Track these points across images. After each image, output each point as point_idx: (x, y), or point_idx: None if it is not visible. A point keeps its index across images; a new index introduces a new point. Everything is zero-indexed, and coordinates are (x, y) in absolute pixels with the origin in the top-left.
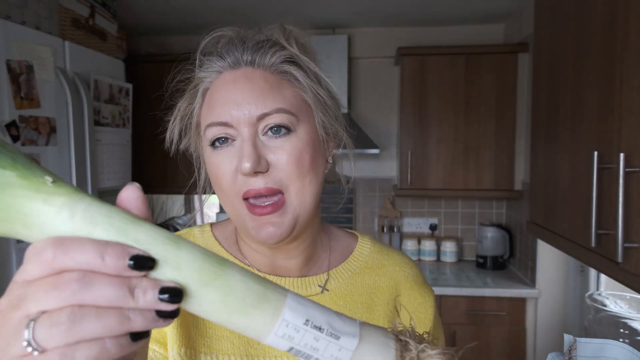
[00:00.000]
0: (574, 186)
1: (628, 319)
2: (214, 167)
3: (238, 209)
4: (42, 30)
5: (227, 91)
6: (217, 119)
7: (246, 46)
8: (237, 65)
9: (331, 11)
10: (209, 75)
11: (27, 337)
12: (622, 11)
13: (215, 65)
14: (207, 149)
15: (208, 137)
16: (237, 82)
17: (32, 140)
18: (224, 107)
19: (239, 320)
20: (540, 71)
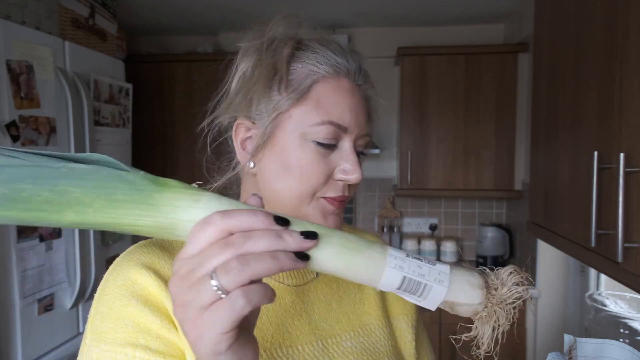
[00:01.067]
0: (574, 186)
1: (628, 319)
2: (308, 162)
3: (310, 203)
4: (42, 30)
5: (349, 98)
6: (338, 120)
7: (360, 70)
8: (353, 79)
9: (331, 11)
10: (322, 70)
11: (215, 284)
12: (622, 11)
13: (335, 62)
14: (305, 142)
15: (318, 133)
16: (354, 94)
17: (32, 140)
18: (347, 113)
19: (358, 259)
20: (540, 71)
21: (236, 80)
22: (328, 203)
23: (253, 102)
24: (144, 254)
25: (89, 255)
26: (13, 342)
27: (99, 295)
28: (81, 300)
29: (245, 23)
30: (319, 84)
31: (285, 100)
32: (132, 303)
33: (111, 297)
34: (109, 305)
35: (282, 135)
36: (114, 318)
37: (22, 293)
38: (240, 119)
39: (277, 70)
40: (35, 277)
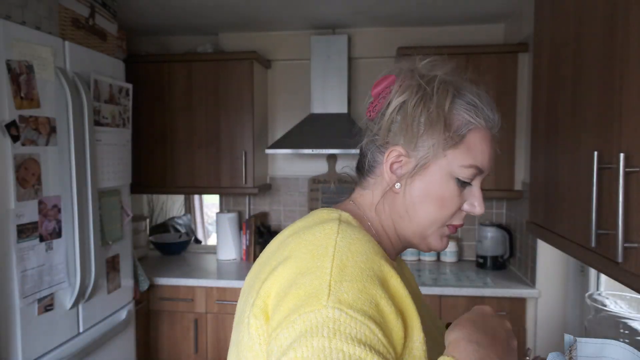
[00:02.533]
0: (574, 186)
1: (628, 319)
2: (448, 195)
3: (436, 229)
4: (42, 30)
5: (491, 147)
6: (481, 165)
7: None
8: (493, 131)
9: (331, 11)
10: (478, 123)
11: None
12: (622, 11)
13: (489, 118)
14: (450, 178)
15: (463, 174)
16: (493, 144)
17: (32, 140)
18: (488, 160)
19: None
20: (540, 71)
21: (392, 109)
22: (448, 228)
23: (412, 135)
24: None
25: (89, 255)
26: (13, 342)
27: (341, 269)
28: (81, 300)
29: (245, 23)
30: (472, 133)
31: (444, 143)
32: (378, 289)
33: (358, 274)
34: (357, 279)
35: (433, 168)
36: (364, 293)
37: (22, 293)
38: (396, 146)
39: (441, 115)
40: (35, 277)
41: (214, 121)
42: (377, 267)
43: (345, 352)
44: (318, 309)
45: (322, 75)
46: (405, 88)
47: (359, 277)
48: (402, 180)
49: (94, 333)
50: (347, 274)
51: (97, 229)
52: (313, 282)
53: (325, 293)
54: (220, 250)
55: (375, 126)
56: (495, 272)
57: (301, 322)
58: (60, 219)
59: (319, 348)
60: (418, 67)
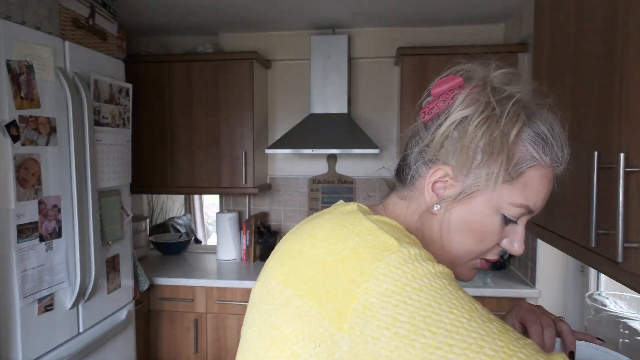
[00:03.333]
0: (574, 186)
1: (628, 319)
2: (489, 230)
3: (470, 259)
4: (42, 30)
5: (547, 188)
6: (533, 207)
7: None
8: (557, 170)
9: (331, 11)
10: (542, 161)
11: None
12: (622, 11)
13: (556, 159)
14: (496, 212)
15: (512, 212)
16: (551, 184)
17: (32, 140)
18: (542, 201)
19: None
20: (540, 71)
21: (450, 122)
22: (480, 262)
23: (466, 159)
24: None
25: (89, 255)
26: (13, 342)
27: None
28: (81, 300)
29: (245, 23)
30: (533, 170)
31: (499, 176)
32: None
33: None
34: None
35: (480, 199)
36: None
37: (22, 293)
38: (445, 165)
39: (505, 146)
40: (35, 277)
41: (214, 121)
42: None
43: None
44: (396, 251)
45: (322, 76)
46: (471, 101)
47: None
48: (442, 202)
49: (94, 333)
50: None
51: (97, 229)
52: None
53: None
54: (220, 250)
55: (428, 135)
56: (495, 272)
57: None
58: (60, 219)
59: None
60: (491, 78)
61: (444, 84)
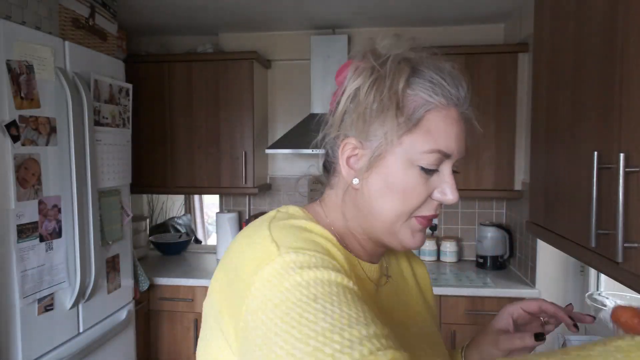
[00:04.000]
0: (574, 186)
1: None
2: (411, 184)
3: (403, 223)
4: (42, 30)
5: (454, 128)
6: (445, 149)
7: (467, 96)
8: (460, 108)
9: (331, 11)
10: (436, 101)
11: None
12: (622, 11)
13: (449, 94)
14: (410, 166)
15: (425, 160)
16: (460, 123)
17: (32, 140)
18: (453, 141)
19: None
20: (540, 71)
21: (345, 98)
22: (417, 222)
23: (364, 124)
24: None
25: (89, 255)
26: (13, 342)
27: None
28: (81, 300)
29: (245, 23)
30: (431, 113)
31: (398, 129)
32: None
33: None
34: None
35: (390, 158)
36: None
37: (22, 293)
38: (349, 138)
39: (393, 99)
40: (35, 277)
41: (214, 121)
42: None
43: (319, 277)
44: (273, 260)
45: (322, 75)
46: (359, 73)
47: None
48: (359, 175)
49: (94, 333)
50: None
51: (97, 229)
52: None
53: (274, 249)
54: (220, 250)
55: (332, 119)
56: (495, 272)
57: (260, 279)
58: (60, 219)
59: (295, 284)
60: (373, 48)
61: (340, 72)
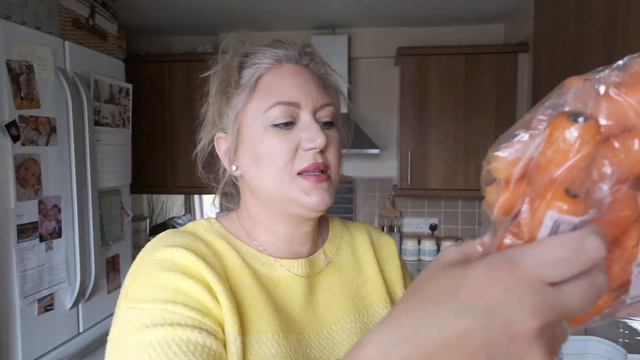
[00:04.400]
0: None
1: (628, 319)
2: (271, 145)
3: (290, 183)
4: (42, 30)
5: (292, 78)
6: (287, 99)
7: (303, 50)
8: (296, 61)
9: (331, 11)
10: (266, 63)
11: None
12: (622, 11)
13: (275, 53)
14: (263, 129)
15: (273, 116)
16: (299, 73)
17: (32, 140)
18: (293, 90)
19: None
20: (540, 71)
21: (204, 108)
22: (304, 180)
23: (221, 115)
24: (177, 238)
25: (89, 255)
26: (13, 342)
27: (137, 269)
28: (81, 300)
29: (245, 23)
30: (265, 76)
31: (239, 100)
32: (171, 274)
33: (149, 269)
34: (147, 274)
35: (246, 131)
36: (153, 283)
37: (22, 293)
38: (218, 133)
39: (230, 79)
40: (35, 277)
41: None
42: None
43: (146, 340)
44: (118, 316)
45: None
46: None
47: (152, 271)
48: (235, 161)
49: (94, 333)
50: (141, 272)
51: (97, 229)
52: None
53: (124, 297)
54: None
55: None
56: None
57: (111, 332)
58: (60, 219)
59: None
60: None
61: None
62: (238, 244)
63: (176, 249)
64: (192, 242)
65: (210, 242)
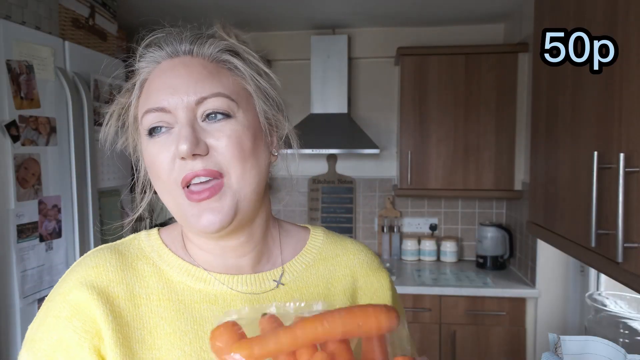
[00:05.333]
0: (574, 186)
1: (628, 319)
2: (152, 157)
3: (178, 199)
4: (42, 30)
5: (164, 78)
6: (153, 105)
7: (184, 36)
8: (175, 55)
9: (331, 11)
10: (147, 66)
11: None
12: (622, 11)
13: (153, 55)
14: (144, 139)
15: (145, 125)
16: (174, 69)
17: (32, 140)
18: (161, 93)
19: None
20: (540, 71)
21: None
22: (187, 196)
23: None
24: (89, 267)
25: None
26: (13, 342)
27: (46, 299)
28: None
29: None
30: (147, 81)
31: (129, 106)
32: (58, 323)
33: (46, 311)
34: (45, 312)
35: (137, 140)
36: (43, 330)
37: (22, 293)
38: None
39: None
40: (35, 277)
41: None
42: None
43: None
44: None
45: (322, 75)
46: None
47: (47, 314)
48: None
49: None
50: (43, 309)
51: (97, 229)
52: None
53: (30, 327)
54: None
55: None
56: (495, 272)
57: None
58: (60, 219)
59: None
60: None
61: None
62: (171, 260)
63: (73, 288)
64: (101, 270)
65: (134, 263)
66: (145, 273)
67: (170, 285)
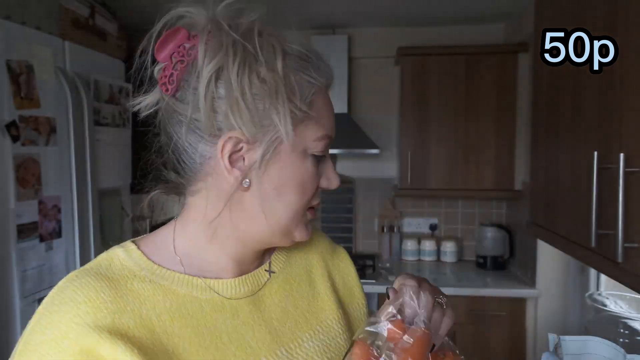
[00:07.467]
0: (574, 186)
1: (628, 319)
2: (307, 177)
3: (298, 215)
4: (42, 30)
5: (330, 107)
6: (329, 132)
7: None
8: (329, 86)
9: (331, 11)
10: (318, 79)
11: None
12: (622, 11)
13: (325, 73)
14: (305, 158)
15: (318, 148)
16: (329, 100)
17: (32, 140)
18: (331, 121)
19: None
20: (540, 71)
21: (207, 81)
22: (310, 214)
23: (250, 114)
24: (80, 303)
25: (89, 255)
26: (13, 342)
27: (24, 346)
28: None
29: None
30: (317, 97)
31: (293, 115)
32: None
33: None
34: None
35: (287, 149)
36: None
37: (22, 293)
38: (231, 131)
39: (278, 80)
40: (35, 277)
41: None
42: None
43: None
44: None
45: None
46: (215, 49)
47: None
48: (250, 173)
49: None
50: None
51: (97, 229)
52: None
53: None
54: None
55: (187, 106)
56: (495, 272)
57: None
58: (60, 219)
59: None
60: (218, 17)
61: (167, 44)
62: (167, 275)
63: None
64: (97, 303)
65: (128, 284)
66: (147, 293)
67: (177, 300)
